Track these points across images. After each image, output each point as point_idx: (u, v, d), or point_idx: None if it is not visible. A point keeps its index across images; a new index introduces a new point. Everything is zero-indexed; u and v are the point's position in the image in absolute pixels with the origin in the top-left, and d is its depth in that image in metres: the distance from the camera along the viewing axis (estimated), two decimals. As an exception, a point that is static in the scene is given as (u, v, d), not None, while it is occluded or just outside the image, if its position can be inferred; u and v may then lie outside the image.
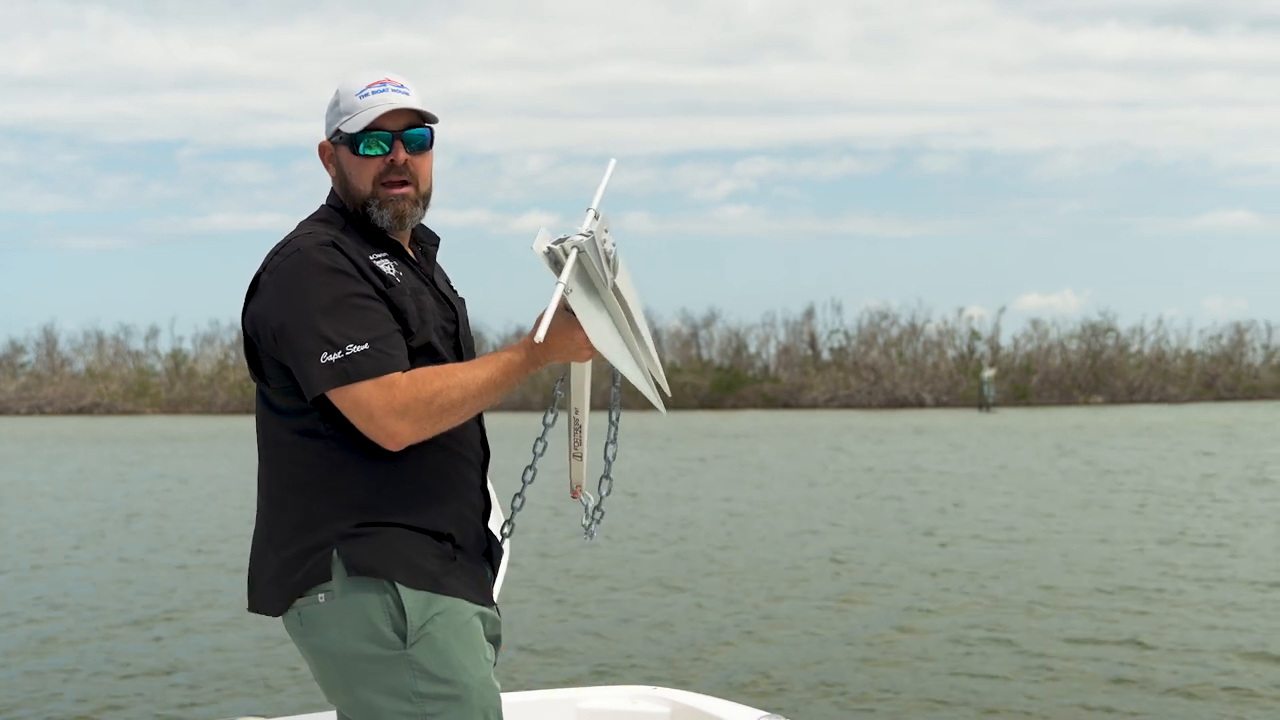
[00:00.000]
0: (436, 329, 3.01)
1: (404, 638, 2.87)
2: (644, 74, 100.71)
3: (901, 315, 75.94)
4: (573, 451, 3.35)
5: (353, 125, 3.03)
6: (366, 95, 3.04)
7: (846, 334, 75.35)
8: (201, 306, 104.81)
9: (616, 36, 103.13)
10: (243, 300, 3.01)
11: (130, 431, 50.45)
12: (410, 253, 3.13)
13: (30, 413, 73.62)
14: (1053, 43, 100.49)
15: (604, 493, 3.26)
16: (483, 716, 2.93)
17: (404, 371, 2.86)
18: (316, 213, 3.10)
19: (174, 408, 73.15)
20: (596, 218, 2.92)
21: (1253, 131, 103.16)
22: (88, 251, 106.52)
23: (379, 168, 3.04)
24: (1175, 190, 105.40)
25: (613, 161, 3.08)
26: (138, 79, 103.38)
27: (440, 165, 3.11)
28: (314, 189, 3.18)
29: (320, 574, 2.89)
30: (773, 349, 76.09)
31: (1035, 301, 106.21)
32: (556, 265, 2.87)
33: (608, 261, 2.92)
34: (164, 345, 78.66)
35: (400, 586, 2.88)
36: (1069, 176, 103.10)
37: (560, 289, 2.83)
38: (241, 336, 2.99)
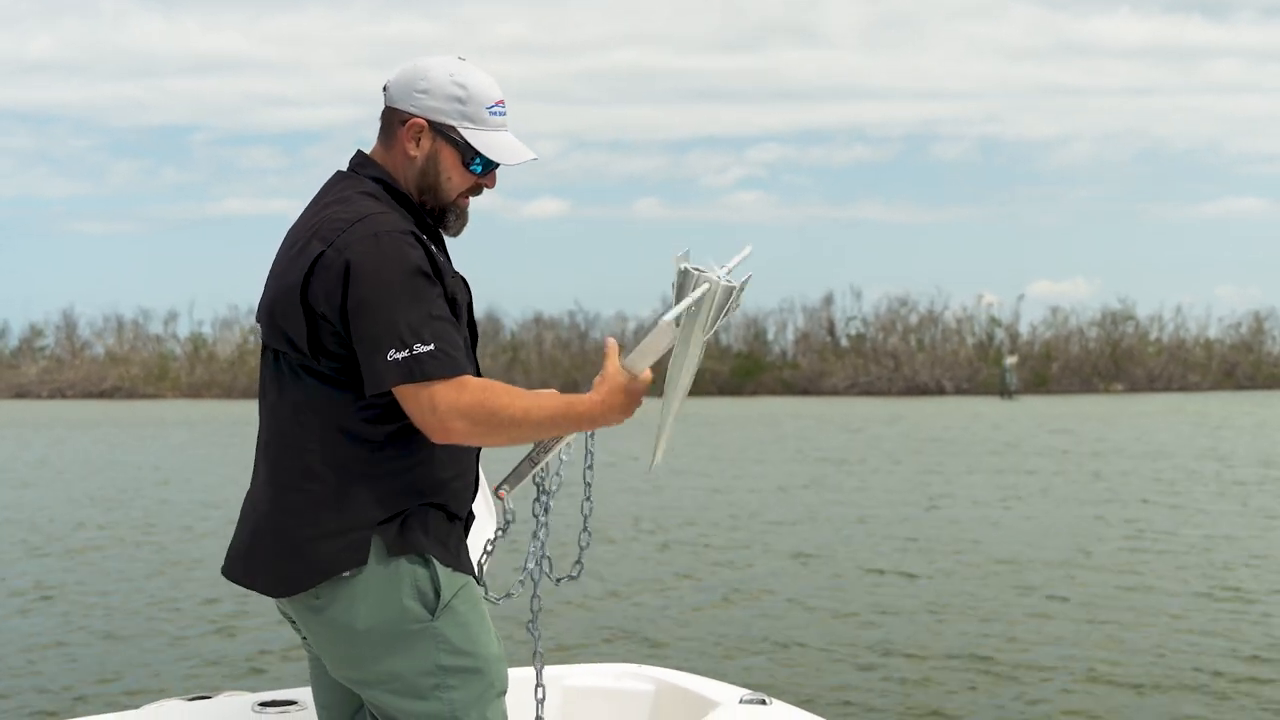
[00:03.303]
0: (465, 316, 3.02)
1: (432, 611, 2.89)
2: (653, 60, 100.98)
3: (920, 302, 75.85)
4: (532, 455, 3.20)
5: (480, 143, 2.98)
6: (497, 115, 3.01)
7: (865, 320, 75.33)
8: (218, 291, 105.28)
9: (625, 22, 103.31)
10: (286, 269, 2.90)
11: (139, 416, 50.64)
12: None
13: (51, 396, 73.98)
14: (1065, 29, 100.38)
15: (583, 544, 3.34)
16: (497, 690, 2.96)
17: (467, 373, 2.85)
18: (363, 185, 3.00)
19: (195, 391, 73.46)
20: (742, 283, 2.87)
21: (1265, 118, 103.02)
22: (100, 236, 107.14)
23: (472, 183, 3.03)
24: (1187, 177, 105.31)
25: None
26: (149, 64, 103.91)
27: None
28: (326, 173, 3.07)
29: (356, 558, 2.86)
30: (790, 335, 76.14)
31: (1046, 288, 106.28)
32: (683, 288, 2.83)
33: (719, 315, 2.86)
34: (183, 329, 79.07)
35: (435, 561, 2.90)
36: (1081, 164, 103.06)
37: (670, 329, 2.79)
38: (291, 309, 2.86)
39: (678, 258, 2.87)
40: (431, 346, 2.81)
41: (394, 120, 3.02)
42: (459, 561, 2.96)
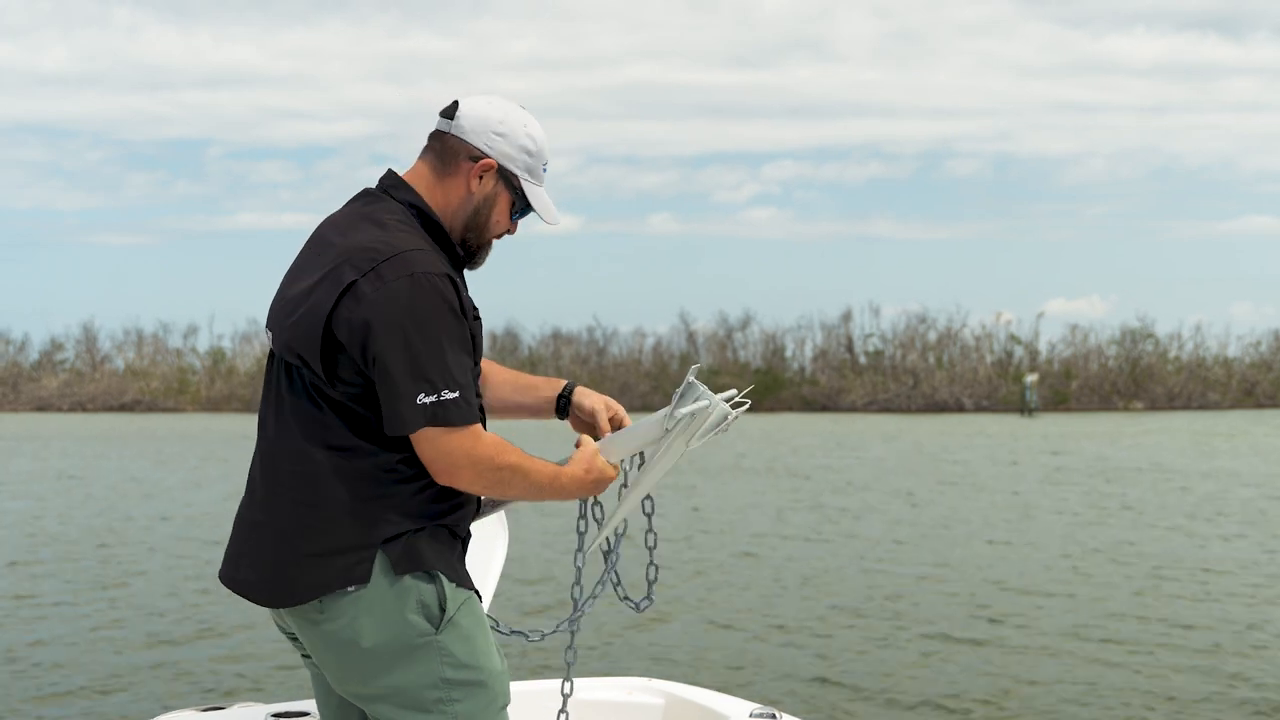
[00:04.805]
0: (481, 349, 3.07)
1: (436, 625, 2.91)
2: (667, 75, 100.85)
3: (938, 319, 75.68)
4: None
5: (535, 199, 3.09)
6: (545, 173, 3.13)
7: (883, 337, 75.19)
8: (233, 305, 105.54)
9: (638, 36, 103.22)
10: (313, 291, 2.90)
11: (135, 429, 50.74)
12: None
13: (72, 409, 74.18)
14: (1079, 47, 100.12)
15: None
16: (501, 703, 2.98)
17: (481, 422, 2.92)
18: (396, 211, 3.00)
19: (214, 405, 73.64)
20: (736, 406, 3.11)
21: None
22: (115, 248, 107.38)
23: (507, 229, 3.11)
24: (1202, 195, 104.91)
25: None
26: (163, 77, 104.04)
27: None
28: (340, 188, 3.15)
29: (359, 574, 2.89)
30: (809, 352, 76.02)
31: (1061, 306, 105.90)
32: (684, 397, 3.06)
33: (707, 433, 3.09)
34: (202, 343, 79.29)
35: (441, 576, 2.93)
36: (1096, 181, 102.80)
37: (669, 434, 3.06)
38: (313, 332, 2.87)
39: (695, 367, 3.10)
40: (456, 394, 2.85)
41: (460, 153, 3.03)
42: (462, 578, 2.99)
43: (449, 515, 2.97)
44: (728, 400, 3.07)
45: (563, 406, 3.31)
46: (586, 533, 3.32)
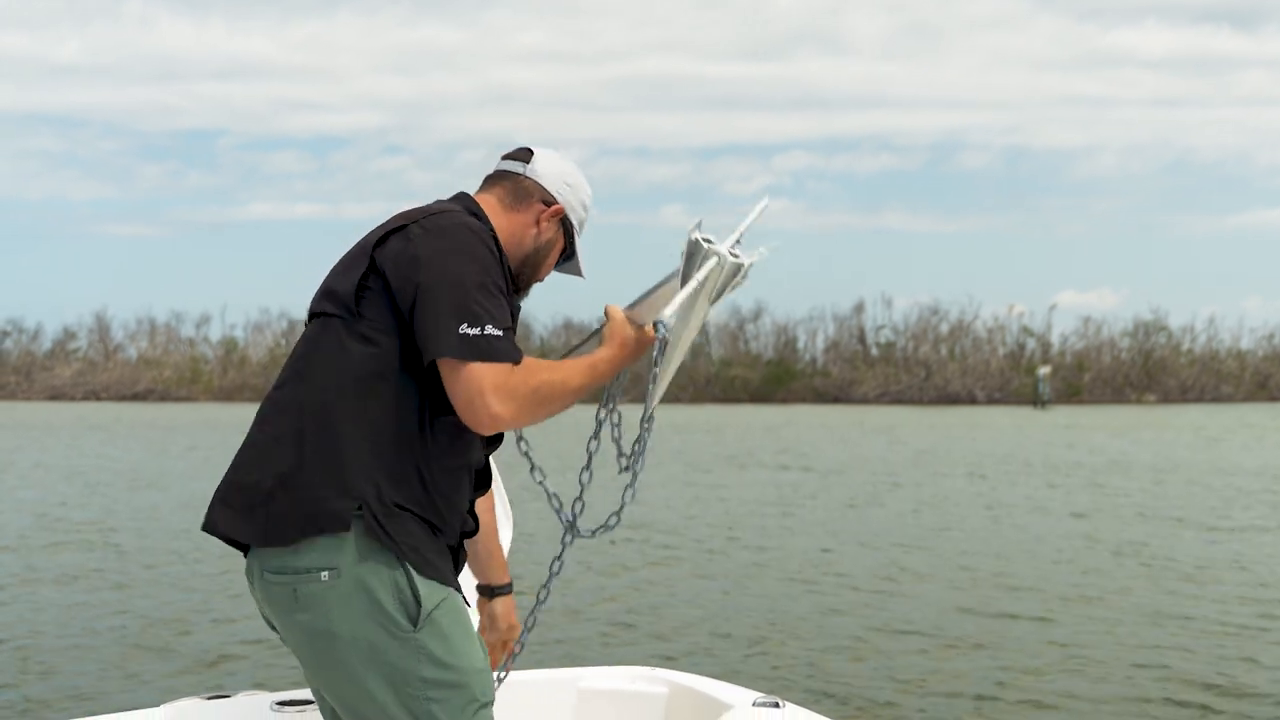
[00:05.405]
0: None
1: (414, 622, 2.86)
2: (678, 68, 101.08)
3: (951, 311, 75.76)
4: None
5: (580, 252, 3.29)
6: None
7: (895, 329, 75.23)
8: (247, 295, 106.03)
9: (648, 30, 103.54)
10: (361, 243, 3.02)
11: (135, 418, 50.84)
12: None
13: (85, 398, 74.42)
14: (1091, 40, 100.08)
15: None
16: (481, 702, 2.94)
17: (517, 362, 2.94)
18: (467, 206, 3.14)
19: (227, 395, 73.86)
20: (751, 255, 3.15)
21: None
22: (127, 239, 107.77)
23: (544, 277, 3.26)
24: (1215, 189, 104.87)
25: (765, 200, 3.27)
26: (176, 68, 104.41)
27: (477, 156, 3.23)
28: (353, 179, 3.21)
29: (335, 525, 2.82)
30: (820, 343, 76.09)
31: (1073, 298, 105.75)
32: (692, 258, 3.06)
33: (724, 289, 3.12)
34: (214, 333, 79.54)
35: (412, 571, 2.87)
36: (1108, 174, 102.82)
37: (693, 286, 3.02)
38: (355, 264, 2.96)
39: (691, 228, 3.10)
40: (500, 332, 2.87)
41: (535, 194, 3.18)
42: (439, 573, 2.93)
43: (427, 507, 2.93)
44: (734, 248, 3.07)
45: (488, 593, 3.45)
46: (599, 441, 3.21)
